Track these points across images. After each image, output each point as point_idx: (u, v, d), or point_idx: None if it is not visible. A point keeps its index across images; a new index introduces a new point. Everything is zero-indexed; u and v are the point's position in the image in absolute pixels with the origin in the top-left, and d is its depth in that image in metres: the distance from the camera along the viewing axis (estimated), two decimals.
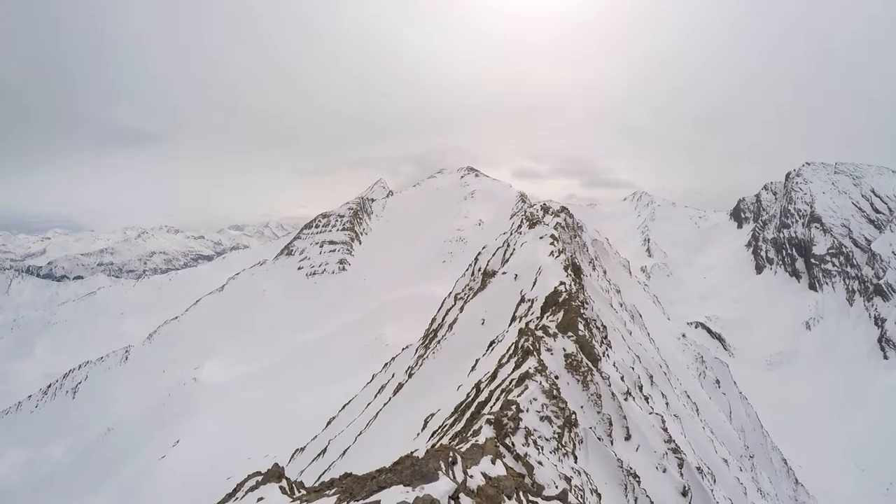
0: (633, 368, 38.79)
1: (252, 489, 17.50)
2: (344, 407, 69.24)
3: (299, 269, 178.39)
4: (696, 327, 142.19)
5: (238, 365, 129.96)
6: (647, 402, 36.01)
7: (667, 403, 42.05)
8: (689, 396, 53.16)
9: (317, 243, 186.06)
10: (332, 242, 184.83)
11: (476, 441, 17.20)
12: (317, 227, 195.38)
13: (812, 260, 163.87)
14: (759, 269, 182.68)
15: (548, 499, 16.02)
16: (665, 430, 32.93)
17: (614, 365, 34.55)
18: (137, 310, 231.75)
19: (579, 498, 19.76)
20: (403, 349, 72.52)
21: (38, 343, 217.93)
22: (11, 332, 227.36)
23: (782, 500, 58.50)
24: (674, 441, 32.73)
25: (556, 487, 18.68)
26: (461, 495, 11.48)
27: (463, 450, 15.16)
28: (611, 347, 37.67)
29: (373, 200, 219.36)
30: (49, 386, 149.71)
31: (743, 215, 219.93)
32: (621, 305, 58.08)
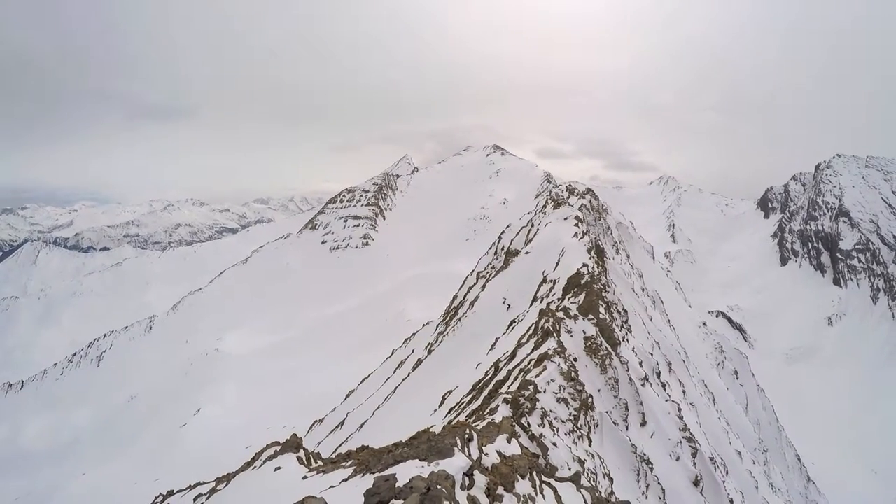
0: (651, 354, 38.49)
1: (270, 458, 17.75)
2: (363, 381, 69.72)
3: (323, 243, 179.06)
4: (717, 316, 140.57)
5: (260, 336, 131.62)
6: (664, 390, 35.78)
7: (684, 392, 41.78)
8: (706, 386, 52.78)
9: (341, 218, 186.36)
10: (356, 217, 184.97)
11: (492, 419, 17.18)
12: (341, 201, 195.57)
13: (838, 255, 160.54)
14: (783, 261, 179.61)
15: (561, 480, 15.95)
16: (681, 418, 32.76)
17: (633, 350, 34.29)
18: (162, 281, 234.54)
19: (592, 481, 19.71)
20: (424, 325, 72.67)
21: (65, 312, 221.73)
22: (39, 301, 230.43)
23: (793, 497, 58.04)
24: (689, 430, 32.58)
25: (570, 469, 18.63)
26: (475, 472, 11.43)
27: (479, 427, 15.12)
28: (631, 332, 37.37)
29: (398, 176, 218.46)
30: (74, 354, 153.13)
31: (770, 205, 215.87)
32: (643, 290, 57.55)
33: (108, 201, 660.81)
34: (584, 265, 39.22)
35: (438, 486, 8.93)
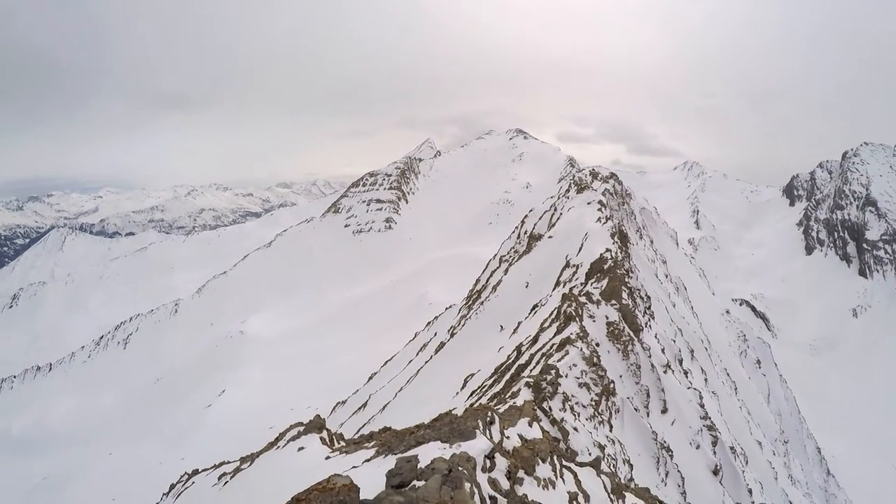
0: (674, 341, 38.12)
1: (294, 439, 17.87)
2: (386, 363, 70.21)
3: (346, 226, 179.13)
4: (740, 304, 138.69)
5: (284, 319, 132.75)
6: (686, 377, 35.43)
7: (705, 379, 41.37)
8: (728, 374, 52.23)
9: (364, 201, 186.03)
10: (378, 201, 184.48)
11: (514, 403, 17.09)
12: (364, 185, 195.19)
13: (864, 245, 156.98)
14: (808, 250, 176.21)
15: (581, 465, 15.87)
16: (702, 406, 32.46)
17: (656, 336, 33.95)
18: (187, 265, 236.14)
19: (612, 467, 19.60)
20: (447, 309, 72.81)
21: (92, 297, 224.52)
22: (66, 286, 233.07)
23: (812, 490, 57.43)
24: (710, 418, 32.27)
25: (590, 454, 18.55)
26: (497, 455, 11.42)
27: (501, 411, 15.04)
28: (653, 318, 36.97)
29: (420, 160, 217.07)
30: (101, 337, 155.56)
31: (796, 192, 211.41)
32: (666, 276, 56.93)
33: (133, 188, 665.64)
34: (608, 250, 38.87)
35: (460, 468, 8.88)
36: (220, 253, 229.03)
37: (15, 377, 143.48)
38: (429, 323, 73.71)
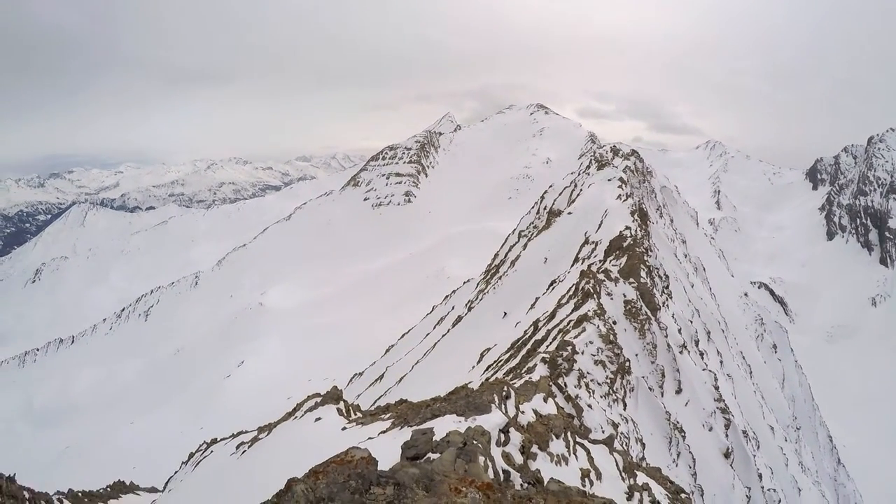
0: (691, 322, 37.76)
1: (311, 409, 18.02)
2: (403, 336, 70.45)
3: (365, 199, 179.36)
4: (759, 287, 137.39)
5: (303, 291, 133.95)
6: (702, 358, 35.14)
7: (721, 362, 41.05)
8: (743, 357, 51.82)
9: (383, 175, 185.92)
10: (398, 175, 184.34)
11: (530, 378, 16.98)
12: (383, 159, 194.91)
13: (886, 233, 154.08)
14: (830, 236, 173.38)
15: (594, 442, 15.79)
16: (716, 388, 32.23)
17: (673, 316, 33.64)
18: (207, 238, 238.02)
19: (624, 445, 19.50)
20: (465, 283, 72.68)
21: (113, 270, 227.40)
22: (88, 260, 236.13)
23: (822, 478, 57.10)
24: (723, 401, 32.05)
25: (603, 432, 18.45)
26: (511, 429, 11.36)
27: (516, 386, 14.94)
28: (671, 298, 36.61)
29: (440, 134, 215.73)
30: (122, 310, 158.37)
31: (819, 176, 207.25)
32: (685, 256, 56.31)
33: (153, 162, 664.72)
34: (627, 228, 38.46)
35: (475, 442, 8.82)
36: (240, 226, 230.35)
37: (38, 350, 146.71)
38: (446, 297, 73.63)
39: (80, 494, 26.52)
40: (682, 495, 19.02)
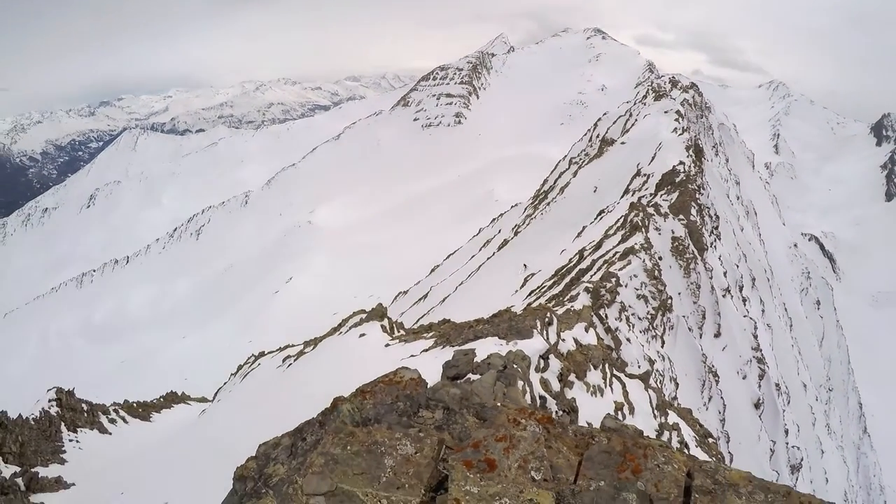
0: (737, 266, 36.62)
1: (356, 325, 18.02)
2: (448, 256, 70.59)
3: (415, 120, 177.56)
4: (809, 240, 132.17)
5: (351, 210, 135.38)
6: (745, 305, 34.21)
7: (763, 310, 40.01)
8: (785, 309, 50.60)
9: (434, 95, 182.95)
10: (449, 95, 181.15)
11: (572, 307, 16.48)
12: (434, 79, 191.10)
13: None
14: (889, 196, 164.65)
15: (630, 376, 15.52)
16: (755, 336, 31.51)
17: (720, 258, 32.57)
18: (256, 158, 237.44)
19: (658, 382, 19.13)
20: (512, 206, 71.77)
21: (165, 192, 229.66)
22: (140, 184, 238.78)
23: (846, 445, 56.39)
24: (761, 350, 31.40)
25: (639, 367, 18.09)
26: (551, 356, 11.14)
27: (559, 313, 14.46)
28: (720, 239, 35.39)
29: (493, 55, 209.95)
30: (175, 230, 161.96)
31: (885, 132, 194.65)
32: (738, 198, 54.31)
33: (201, 86, 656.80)
34: (681, 163, 37.03)
35: (514, 366, 8.56)
36: (289, 146, 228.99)
37: (95, 271, 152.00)
38: (493, 219, 73.14)
39: (134, 405, 27.70)
40: (710, 440, 18.77)
